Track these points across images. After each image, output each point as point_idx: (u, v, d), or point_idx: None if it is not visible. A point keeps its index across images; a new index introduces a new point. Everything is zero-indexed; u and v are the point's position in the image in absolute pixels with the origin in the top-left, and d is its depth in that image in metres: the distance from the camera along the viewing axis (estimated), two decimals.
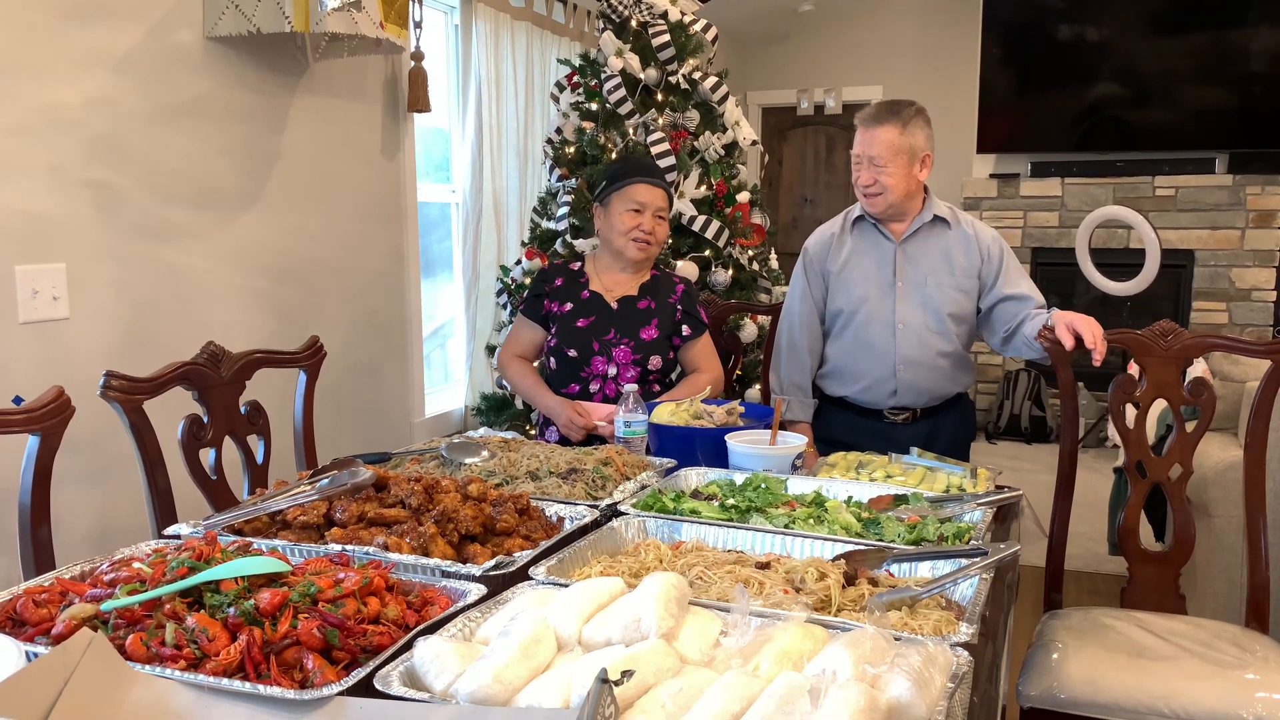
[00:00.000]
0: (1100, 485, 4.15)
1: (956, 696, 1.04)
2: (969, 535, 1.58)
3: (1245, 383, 2.93)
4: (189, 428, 1.97)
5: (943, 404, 2.59)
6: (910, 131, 2.44)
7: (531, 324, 2.67)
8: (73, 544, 2.34)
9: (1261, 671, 1.84)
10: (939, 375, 2.54)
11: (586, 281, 2.64)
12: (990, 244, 2.54)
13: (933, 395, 2.56)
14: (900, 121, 2.43)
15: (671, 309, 2.61)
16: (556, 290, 2.64)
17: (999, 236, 2.59)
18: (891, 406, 2.56)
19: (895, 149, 2.43)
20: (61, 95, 2.39)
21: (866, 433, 2.53)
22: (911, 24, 7.04)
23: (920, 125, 2.46)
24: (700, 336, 2.64)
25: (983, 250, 2.53)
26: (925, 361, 2.52)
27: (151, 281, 2.65)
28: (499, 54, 4.20)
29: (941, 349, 2.52)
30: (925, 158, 2.47)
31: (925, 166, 2.48)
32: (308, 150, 3.16)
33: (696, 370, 2.63)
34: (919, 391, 2.54)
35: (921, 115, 2.48)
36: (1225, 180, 5.91)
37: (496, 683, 1.03)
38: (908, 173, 2.45)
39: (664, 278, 2.67)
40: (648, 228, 2.54)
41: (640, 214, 2.55)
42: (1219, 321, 6.01)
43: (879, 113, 2.47)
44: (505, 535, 1.54)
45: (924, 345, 2.51)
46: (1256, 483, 2.09)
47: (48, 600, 1.23)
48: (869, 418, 2.59)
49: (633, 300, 2.61)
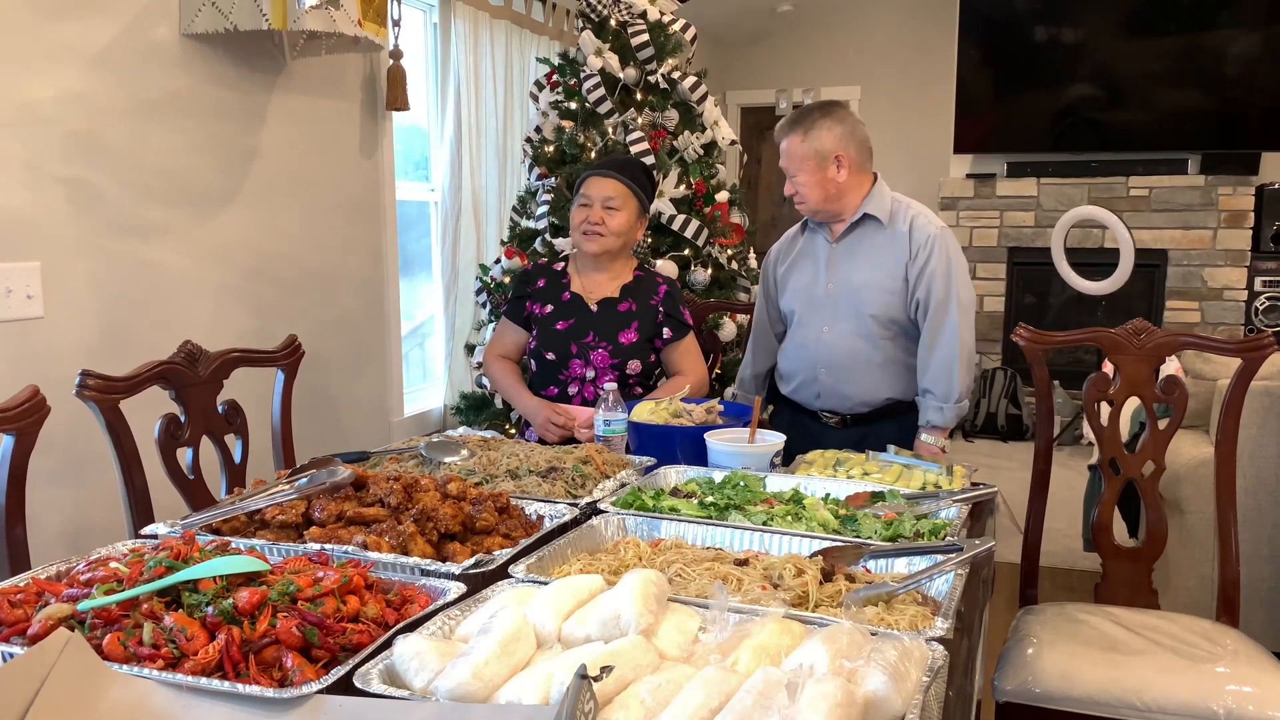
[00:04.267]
0: (1076, 482, 4.20)
1: (932, 690, 1.05)
2: (945, 532, 1.59)
3: (1217, 380, 2.97)
4: (166, 427, 1.96)
5: (876, 411, 2.52)
6: (812, 137, 2.42)
7: (514, 326, 2.67)
8: (48, 544, 2.32)
9: (1232, 665, 1.87)
10: (866, 380, 2.49)
11: (568, 283, 2.63)
12: (923, 241, 2.42)
13: (860, 401, 2.51)
14: (800, 130, 2.44)
15: (653, 311, 2.60)
16: (538, 291, 2.64)
17: (943, 236, 2.44)
18: (822, 409, 2.56)
19: (799, 157, 2.44)
20: (35, 91, 2.37)
21: (802, 432, 2.52)
22: (889, 25, 7.08)
23: (826, 127, 2.42)
24: (683, 339, 2.63)
25: (913, 247, 2.43)
26: (847, 365, 2.49)
27: (128, 280, 2.63)
28: (478, 52, 4.19)
29: (866, 353, 2.47)
30: (838, 158, 2.43)
31: (842, 166, 2.43)
32: (285, 148, 3.15)
33: (679, 372, 2.61)
34: (842, 396, 2.52)
35: (830, 117, 2.44)
36: (1198, 181, 5.98)
37: (476, 680, 1.03)
38: (820, 177, 2.44)
39: (647, 278, 2.66)
40: (595, 219, 2.53)
41: (589, 207, 2.54)
42: (1192, 320, 6.08)
43: (783, 124, 2.50)
44: (485, 534, 1.54)
45: (847, 349, 2.48)
46: (1227, 479, 2.12)
47: (23, 600, 1.22)
48: (805, 417, 2.60)
49: (613, 302, 2.60)
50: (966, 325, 2.43)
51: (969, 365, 2.45)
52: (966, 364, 2.43)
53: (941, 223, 2.49)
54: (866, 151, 2.49)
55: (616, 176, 2.57)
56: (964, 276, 2.46)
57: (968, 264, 2.55)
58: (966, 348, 2.43)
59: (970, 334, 2.45)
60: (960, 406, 2.41)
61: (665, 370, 2.67)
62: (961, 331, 2.41)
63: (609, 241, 2.55)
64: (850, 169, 2.44)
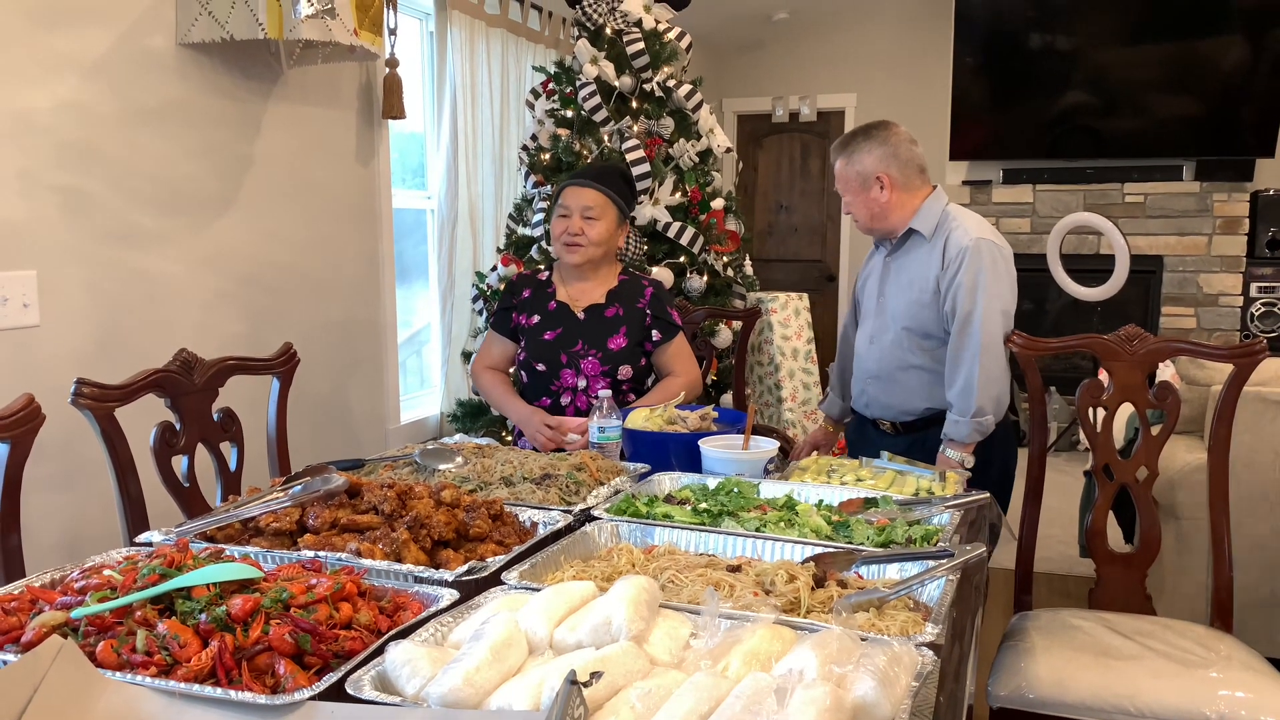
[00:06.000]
0: (1072, 488, 4.19)
1: (921, 695, 1.06)
2: (937, 538, 1.60)
3: (1210, 386, 2.98)
4: (161, 435, 1.96)
5: (920, 420, 2.53)
6: (854, 160, 2.49)
7: (501, 338, 2.68)
8: (43, 552, 2.32)
9: (1225, 670, 1.87)
10: (904, 391, 2.52)
11: (554, 291, 2.64)
12: (955, 254, 2.40)
13: (900, 410, 2.54)
14: (845, 153, 2.52)
15: (640, 314, 2.60)
16: (524, 302, 2.64)
17: (977, 247, 2.38)
18: (874, 417, 2.61)
19: (844, 179, 2.53)
20: (31, 100, 2.37)
21: (863, 437, 2.64)
22: (885, 32, 7.10)
23: (866, 150, 2.48)
24: (673, 340, 2.62)
25: (946, 259, 2.41)
26: (885, 375, 2.53)
27: (123, 288, 2.64)
28: (474, 61, 4.21)
29: (904, 363, 2.50)
30: (879, 178, 2.47)
31: (886, 187, 2.47)
32: (282, 156, 3.15)
33: (671, 374, 2.62)
34: (884, 405, 2.57)
35: (871, 139, 2.48)
36: (1193, 187, 6.00)
37: (468, 686, 1.04)
38: (865, 198, 2.50)
39: (632, 281, 2.66)
40: (575, 229, 2.54)
41: (568, 218, 2.56)
42: (1187, 326, 6.09)
43: (833, 150, 2.58)
44: (478, 541, 1.55)
45: (887, 359, 2.53)
46: (1221, 484, 2.13)
47: (17, 608, 1.22)
48: (868, 424, 2.66)
49: (600, 309, 2.60)
50: (996, 338, 2.36)
51: (997, 379, 2.37)
52: (992, 378, 2.36)
53: (981, 234, 2.41)
54: (913, 169, 2.49)
55: (594, 186, 2.58)
56: (996, 288, 2.38)
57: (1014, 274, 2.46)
58: (995, 361, 2.36)
59: (1001, 345, 2.38)
60: (981, 422, 2.36)
61: (657, 373, 2.67)
62: (987, 344, 2.35)
63: (590, 251, 2.56)
64: (893, 188, 2.47)
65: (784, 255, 7.71)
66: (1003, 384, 2.39)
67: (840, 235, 7.50)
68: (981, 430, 2.38)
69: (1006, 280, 2.42)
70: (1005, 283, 2.42)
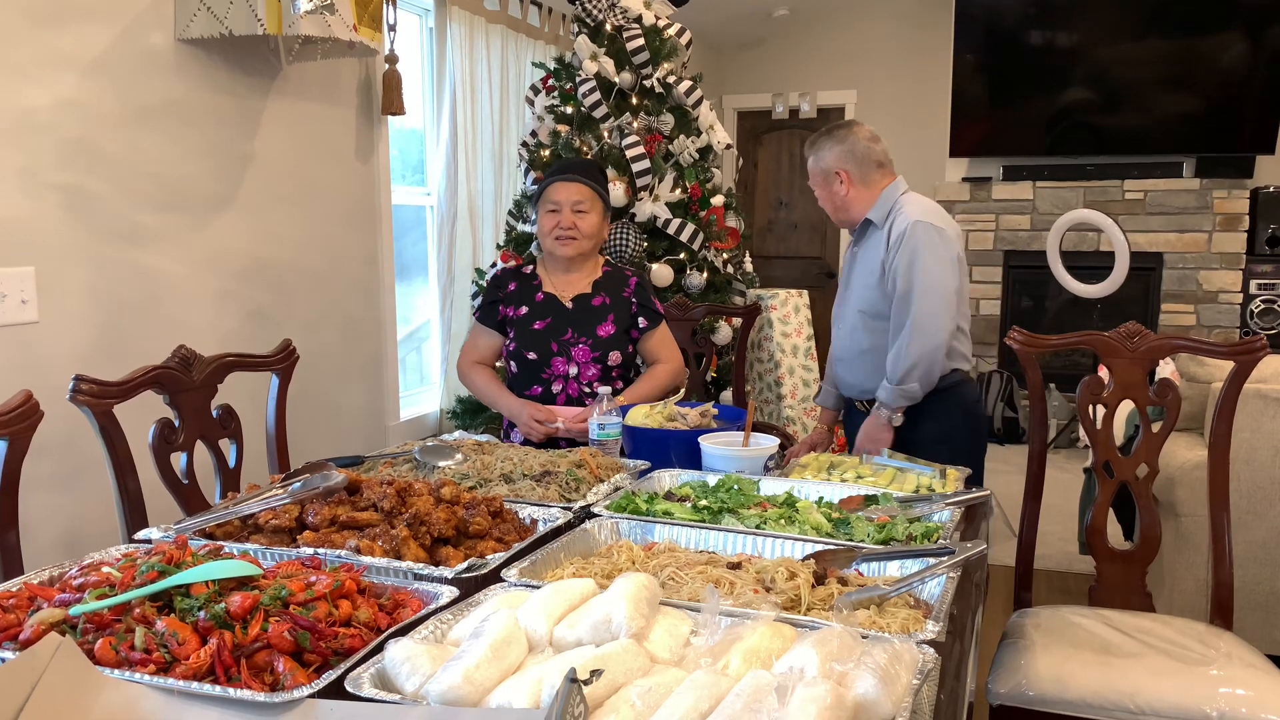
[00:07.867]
0: (1072, 485, 4.19)
1: (922, 693, 1.05)
2: (937, 535, 1.60)
3: (1211, 383, 2.98)
4: (160, 432, 1.96)
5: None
6: (819, 158, 2.64)
7: (488, 330, 2.68)
8: (41, 549, 2.32)
9: (1225, 668, 1.87)
10: (863, 370, 2.63)
11: (540, 284, 2.66)
12: (897, 235, 2.47)
13: (861, 389, 2.67)
14: (812, 153, 2.67)
15: (626, 302, 2.64)
16: (510, 295, 2.65)
17: (915, 228, 2.45)
18: (851, 397, 2.76)
19: (813, 176, 2.69)
20: (31, 97, 2.37)
21: (849, 415, 2.81)
22: (885, 29, 7.09)
23: (827, 149, 2.62)
24: (658, 327, 2.68)
25: (890, 241, 2.49)
26: (846, 358, 2.69)
27: (122, 285, 2.63)
28: (474, 57, 4.20)
29: (860, 345, 2.63)
30: (838, 173, 2.60)
31: (844, 181, 2.60)
32: (281, 153, 3.15)
33: (657, 361, 2.67)
34: (848, 385, 2.72)
35: (830, 138, 2.62)
36: (1193, 184, 5.99)
37: (467, 683, 1.03)
38: (828, 192, 2.66)
39: (615, 272, 2.70)
40: (566, 224, 2.57)
41: (558, 212, 2.58)
42: (1187, 323, 6.09)
43: (804, 149, 2.72)
44: (478, 538, 1.54)
45: (846, 342, 2.68)
46: (1221, 482, 2.12)
47: (16, 605, 1.22)
48: (852, 406, 2.79)
49: (587, 298, 2.63)
50: (930, 314, 2.42)
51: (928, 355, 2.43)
52: (924, 352, 2.42)
53: (922, 217, 2.47)
54: (870, 164, 2.61)
55: (581, 180, 2.61)
56: (934, 265, 2.43)
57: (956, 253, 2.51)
58: (929, 338, 2.42)
59: (937, 321, 2.43)
60: (906, 389, 2.45)
61: (643, 360, 2.72)
62: (919, 322, 2.42)
63: (582, 244, 2.60)
64: (851, 182, 2.61)
65: (784, 252, 7.71)
66: (933, 360, 2.46)
67: (840, 232, 7.50)
68: (908, 397, 2.47)
69: (946, 260, 2.47)
70: (943, 263, 2.46)
